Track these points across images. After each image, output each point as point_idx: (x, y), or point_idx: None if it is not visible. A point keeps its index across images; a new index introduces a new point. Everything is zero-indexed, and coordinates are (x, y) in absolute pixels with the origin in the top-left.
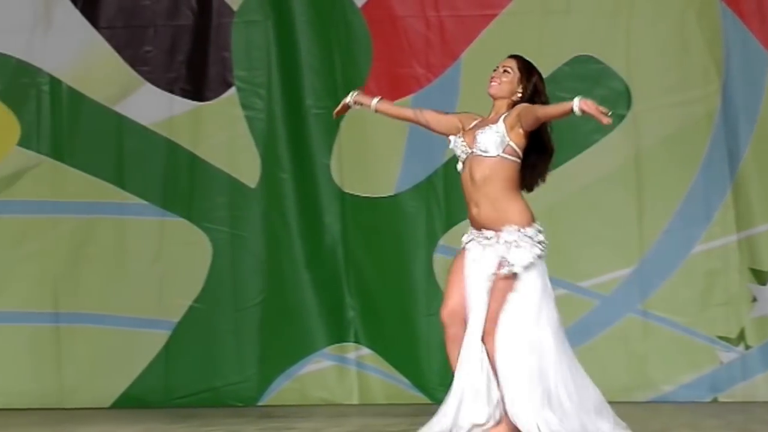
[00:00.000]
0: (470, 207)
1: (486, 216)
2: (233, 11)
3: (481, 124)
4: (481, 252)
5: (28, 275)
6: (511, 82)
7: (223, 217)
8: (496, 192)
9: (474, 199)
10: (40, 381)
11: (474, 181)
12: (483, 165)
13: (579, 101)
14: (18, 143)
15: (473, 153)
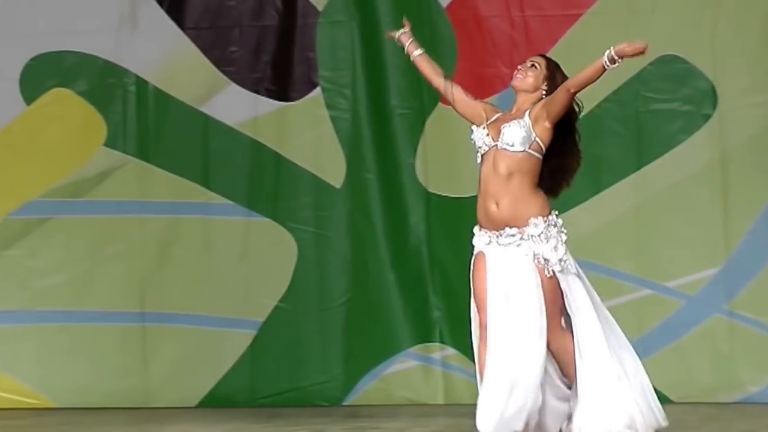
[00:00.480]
0: (487, 203)
1: (508, 212)
2: (318, 11)
3: (505, 118)
4: (502, 253)
5: (115, 275)
6: (537, 77)
7: (308, 217)
8: (520, 188)
9: (495, 194)
10: (126, 380)
11: (498, 176)
12: (508, 160)
13: (608, 52)
14: (104, 143)
15: (497, 147)
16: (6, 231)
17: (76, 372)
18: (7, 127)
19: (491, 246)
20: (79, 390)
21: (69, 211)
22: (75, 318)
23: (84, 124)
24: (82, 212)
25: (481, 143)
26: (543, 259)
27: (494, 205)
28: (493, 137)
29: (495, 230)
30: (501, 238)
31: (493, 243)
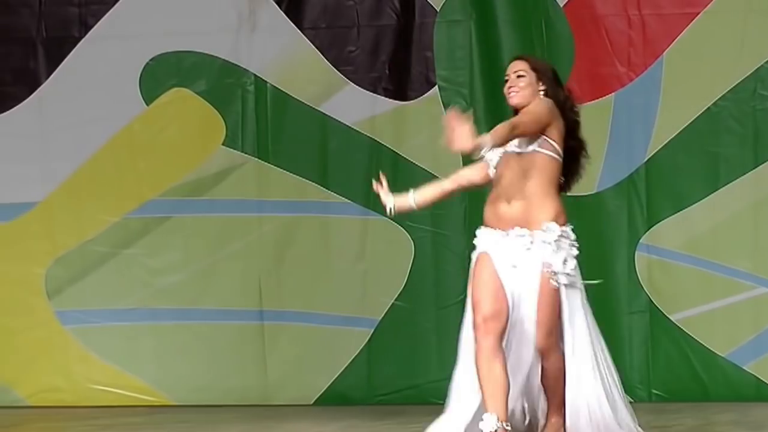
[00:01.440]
0: (497, 204)
1: (520, 212)
2: (436, 11)
3: None
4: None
5: (234, 274)
6: (530, 84)
7: (424, 216)
8: (533, 188)
9: (508, 193)
10: (245, 378)
11: (512, 174)
12: (520, 159)
13: None
14: (223, 143)
15: (506, 152)
16: (125, 230)
17: (194, 370)
18: (126, 127)
19: (498, 247)
20: (196, 388)
21: (188, 210)
22: (193, 316)
23: (203, 123)
24: (201, 211)
25: (493, 155)
26: (552, 270)
27: (506, 203)
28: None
29: (503, 230)
30: (508, 238)
31: (500, 244)
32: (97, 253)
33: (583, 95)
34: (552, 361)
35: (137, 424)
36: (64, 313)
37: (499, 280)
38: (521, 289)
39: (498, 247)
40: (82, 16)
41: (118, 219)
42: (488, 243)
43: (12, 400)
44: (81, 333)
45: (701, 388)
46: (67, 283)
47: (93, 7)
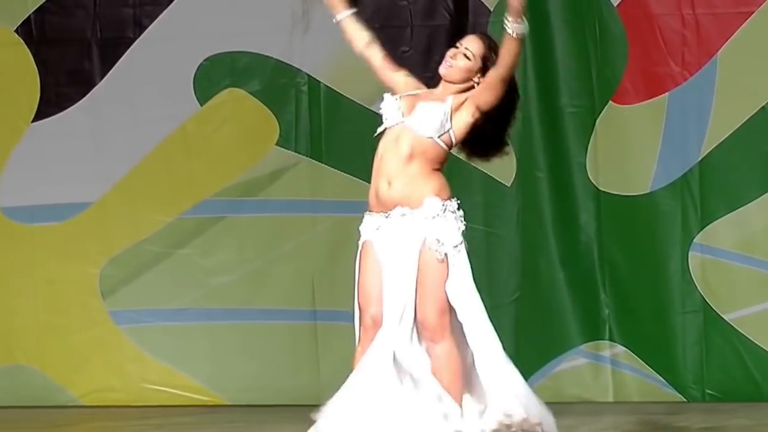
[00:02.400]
0: (379, 183)
1: (401, 193)
2: (489, 11)
3: (425, 96)
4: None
5: (287, 273)
6: (468, 70)
7: (478, 216)
8: (419, 170)
9: (389, 174)
10: (297, 378)
11: (397, 154)
12: (413, 141)
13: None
14: (277, 143)
15: (404, 124)
16: (180, 230)
17: (247, 369)
18: (180, 127)
19: (380, 232)
20: (249, 387)
21: (242, 210)
22: (247, 316)
23: (257, 123)
24: (255, 211)
25: (389, 115)
26: (435, 240)
27: (386, 184)
28: (404, 112)
29: (384, 212)
30: (389, 219)
31: (382, 228)
32: (151, 253)
33: (637, 95)
34: (442, 347)
35: (190, 423)
36: (118, 313)
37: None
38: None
39: (379, 234)
40: (137, 16)
41: (172, 219)
42: (370, 230)
43: (66, 400)
44: (135, 333)
45: (755, 387)
46: (121, 283)
47: (147, 7)
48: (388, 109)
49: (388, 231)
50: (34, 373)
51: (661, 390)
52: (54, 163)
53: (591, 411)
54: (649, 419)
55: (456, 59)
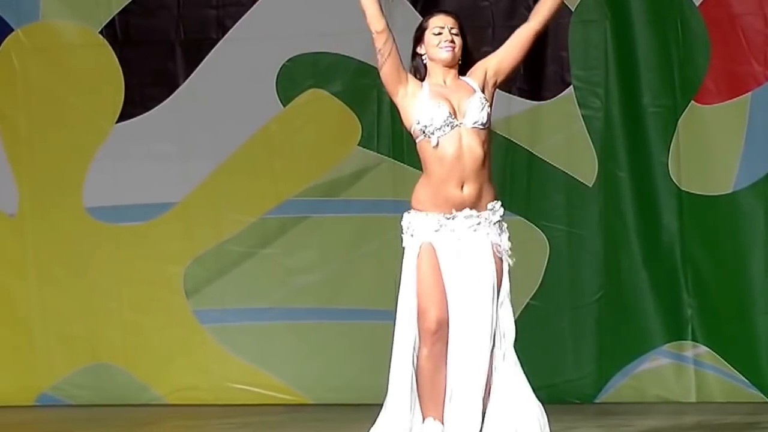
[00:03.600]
0: (448, 186)
1: (473, 196)
2: (571, 11)
3: (449, 93)
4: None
5: (369, 273)
6: (460, 45)
7: (560, 216)
8: (488, 172)
9: (463, 176)
10: (379, 377)
11: (472, 156)
12: (479, 139)
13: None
14: (359, 143)
15: (462, 125)
16: (263, 229)
17: (330, 369)
18: (263, 128)
19: (441, 234)
20: (332, 387)
21: (324, 210)
22: (329, 315)
23: (339, 124)
24: (338, 211)
25: (440, 122)
26: (501, 245)
27: (458, 187)
28: (455, 115)
29: (447, 213)
30: (453, 221)
31: (443, 229)
32: (235, 252)
33: (720, 94)
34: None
35: (273, 422)
36: (201, 312)
37: (443, 283)
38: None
39: (440, 236)
40: (220, 17)
41: (256, 219)
42: (429, 231)
43: (150, 398)
44: (218, 332)
45: None
46: (205, 283)
47: (230, 8)
48: (437, 118)
49: (453, 234)
50: (119, 372)
51: (744, 390)
52: (138, 164)
53: (673, 411)
54: (731, 420)
55: (453, 42)
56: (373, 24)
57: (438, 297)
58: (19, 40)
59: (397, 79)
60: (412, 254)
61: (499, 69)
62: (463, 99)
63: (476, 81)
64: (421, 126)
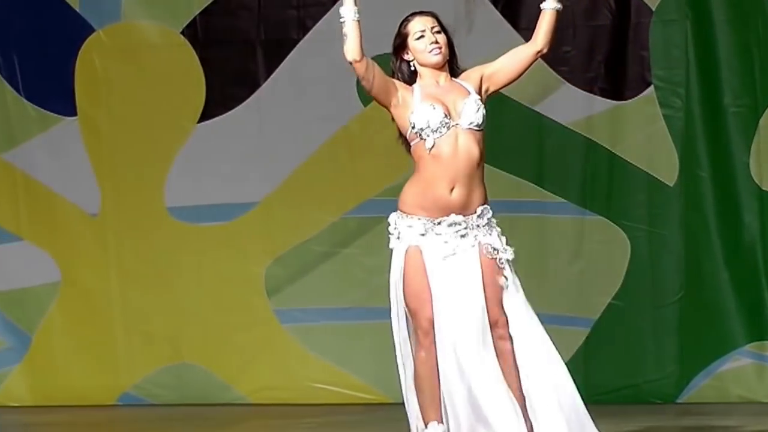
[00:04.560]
0: (438, 187)
1: (463, 199)
2: (651, 11)
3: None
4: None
5: None
6: (445, 42)
7: (641, 215)
8: (481, 175)
9: (454, 179)
10: None
11: (468, 159)
12: (475, 140)
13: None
14: None
15: (458, 126)
16: (343, 229)
17: None
18: (344, 127)
19: (427, 238)
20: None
21: None
22: None
23: None
24: None
25: (436, 124)
26: (492, 248)
27: (447, 189)
28: (450, 115)
29: (434, 217)
30: (440, 226)
31: (429, 233)
32: (316, 252)
33: None
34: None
35: (354, 422)
36: (283, 312)
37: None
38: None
39: (427, 239)
40: (301, 18)
41: (336, 219)
42: (415, 234)
43: (233, 398)
44: (300, 331)
45: None
46: (286, 282)
47: (311, 8)
48: (433, 119)
49: (440, 237)
50: (201, 372)
51: None
52: (219, 164)
53: (755, 412)
54: None
55: (437, 40)
56: (350, 53)
57: (426, 298)
58: (100, 40)
59: (389, 93)
60: (399, 257)
61: (492, 79)
62: (458, 100)
63: (471, 84)
64: (416, 129)
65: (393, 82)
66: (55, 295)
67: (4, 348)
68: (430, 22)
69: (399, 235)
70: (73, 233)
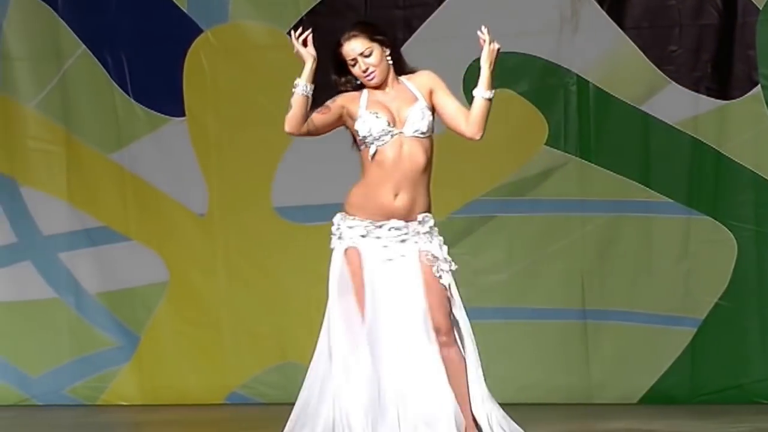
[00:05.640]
0: (383, 192)
1: (409, 204)
2: (758, 9)
3: (389, 103)
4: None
5: (557, 272)
6: (379, 57)
7: (748, 215)
8: (425, 177)
9: (398, 185)
10: (567, 377)
11: (413, 164)
12: (420, 147)
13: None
14: (546, 143)
15: (402, 134)
16: (450, 229)
17: (518, 368)
18: None
19: (367, 240)
20: (521, 386)
21: (511, 210)
22: (516, 315)
23: (526, 123)
24: (524, 211)
25: (378, 132)
26: (432, 256)
27: (391, 194)
28: (393, 123)
29: (376, 220)
30: (381, 230)
31: (370, 236)
32: None
33: None
34: (456, 350)
35: None
36: None
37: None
38: (403, 287)
39: (366, 241)
40: (407, 18)
41: (443, 219)
42: (355, 236)
43: None
44: None
45: None
46: None
47: (417, 9)
48: (375, 127)
49: (379, 241)
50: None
51: None
52: (326, 163)
53: None
54: None
55: (368, 67)
56: (289, 126)
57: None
58: (208, 41)
59: (337, 121)
60: (338, 257)
61: (434, 105)
62: (403, 107)
63: (421, 90)
64: (361, 136)
65: (334, 106)
66: (163, 294)
67: (113, 347)
68: (359, 47)
69: (340, 235)
70: (181, 233)
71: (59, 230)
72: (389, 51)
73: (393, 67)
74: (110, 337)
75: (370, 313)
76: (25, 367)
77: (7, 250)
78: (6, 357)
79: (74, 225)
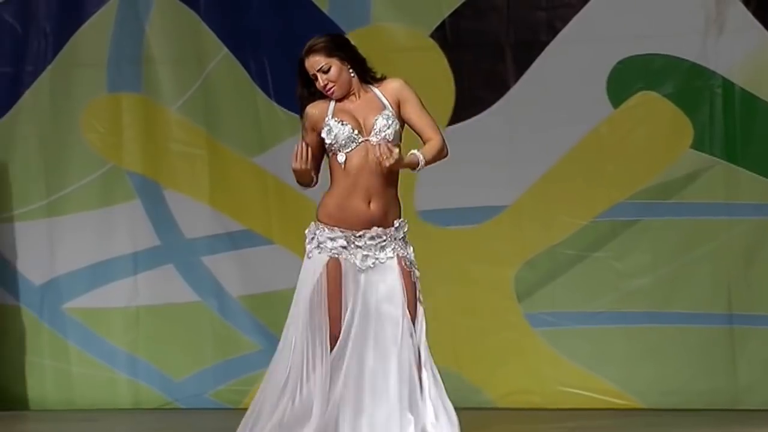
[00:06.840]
0: (355, 200)
1: (381, 212)
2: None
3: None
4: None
5: (702, 277)
6: (339, 70)
7: None
8: (393, 184)
9: (368, 191)
10: (713, 382)
11: (378, 172)
12: None
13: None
14: (691, 146)
15: (368, 141)
16: (594, 233)
17: (663, 373)
18: (593, 130)
19: (349, 251)
20: (665, 391)
21: (656, 213)
22: (661, 319)
23: (671, 126)
24: (669, 214)
25: (344, 140)
26: (409, 262)
27: (365, 202)
28: (360, 131)
29: (356, 230)
30: (362, 239)
31: (352, 246)
32: (566, 256)
33: None
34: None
35: (604, 427)
36: (533, 316)
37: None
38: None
39: (348, 252)
40: (550, 19)
41: (587, 222)
42: (336, 247)
43: (481, 402)
44: (550, 335)
45: None
46: (536, 286)
47: (560, 10)
48: (341, 135)
49: (360, 251)
50: (450, 375)
51: None
52: (469, 167)
53: None
54: None
55: (327, 82)
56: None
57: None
58: None
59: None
60: (317, 267)
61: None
62: (370, 115)
63: (389, 99)
64: (327, 144)
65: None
66: None
67: (255, 351)
68: (316, 64)
69: (319, 244)
70: None
71: (202, 233)
72: (351, 66)
73: (359, 77)
74: (253, 340)
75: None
76: (168, 371)
77: (150, 254)
78: (149, 360)
79: (216, 228)
